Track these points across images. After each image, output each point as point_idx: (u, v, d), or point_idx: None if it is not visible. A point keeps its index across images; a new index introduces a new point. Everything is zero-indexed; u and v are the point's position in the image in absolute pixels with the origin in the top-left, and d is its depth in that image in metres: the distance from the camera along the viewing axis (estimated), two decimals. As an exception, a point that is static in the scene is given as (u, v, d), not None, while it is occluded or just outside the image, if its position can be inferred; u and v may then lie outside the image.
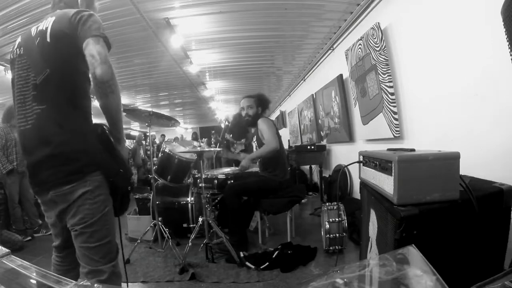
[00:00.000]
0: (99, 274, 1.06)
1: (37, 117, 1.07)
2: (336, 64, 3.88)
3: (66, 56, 1.07)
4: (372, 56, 2.74)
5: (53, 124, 1.05)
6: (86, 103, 1.14)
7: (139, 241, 2.57)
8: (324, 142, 4.75)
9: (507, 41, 0.92)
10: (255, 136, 2.81)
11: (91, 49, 1.01)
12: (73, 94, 1.09)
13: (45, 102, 1.06)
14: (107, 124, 1.14)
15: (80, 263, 1.09)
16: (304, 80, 5.70)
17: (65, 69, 1.07)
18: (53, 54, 1.06)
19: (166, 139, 9.57)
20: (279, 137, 2.65)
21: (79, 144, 1.07)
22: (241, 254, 2.30)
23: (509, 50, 0.91)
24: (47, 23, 1.08)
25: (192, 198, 2.90)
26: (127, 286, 1.68)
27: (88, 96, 1.14)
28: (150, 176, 2.64)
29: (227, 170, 3.35)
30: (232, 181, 2.82)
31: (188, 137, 12.48)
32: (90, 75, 1.03)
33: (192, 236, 2.37)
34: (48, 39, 1.06)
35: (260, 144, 2.70)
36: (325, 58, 4.42)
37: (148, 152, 6.94)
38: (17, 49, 1.14)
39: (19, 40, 1.16)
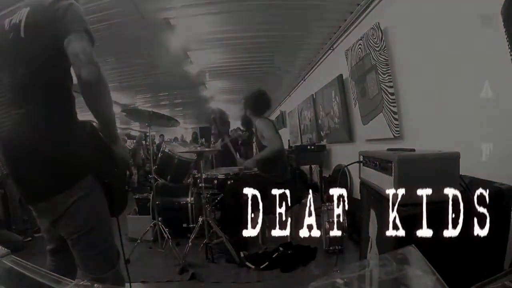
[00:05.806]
0: (102, 282, 0.99)
1: (15, 123, 0.94)
2: (336, 64, 3.86)
3: (44, 52, 0.94)
4: (372, 56, 2.74)
5: (34, 129, 0.95)
6: (69, 102, 1.02)
7: (139, 241, 2.57)
8: (324, 142, 4.74)
9: (507, 41, 0.93)
10: (255, 137, 2.80)
11: (74, 47, 0.90)
12: (54, 94, 0.98)
13: (23, 106, 0.94)
14: (95, 121, 1.04)
15: (82, 272, 1.03)
16: (304, 80, 5.70)
17: (43, 67, 0.95)
18: (29, 50, 0.93)
19: (165, 139, 9.55)
20: (279, 136, 2.64)
21: (65, 148, 0.96)
22: (241, 254, 2.30)
23: (509, 50, 0.91)
24: (21, 15, 0.94)
25: (192, 198, 2.89)
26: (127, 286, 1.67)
27: (70, 94, 1.02)
28: (150, 176, 2.64)
29: (227, 170, 3.35)
30: (232, 181, 2.81)
31: (189, 137, 12.46)
32: (76, 77, 0.92)
33: (192, 236, 2.37)
34: (22, 34, 0.92)
35: (260, 145, 2.67)
36: (325, 58, 4.41)
37: (149, 152, 6.94)
38: None
39: None
